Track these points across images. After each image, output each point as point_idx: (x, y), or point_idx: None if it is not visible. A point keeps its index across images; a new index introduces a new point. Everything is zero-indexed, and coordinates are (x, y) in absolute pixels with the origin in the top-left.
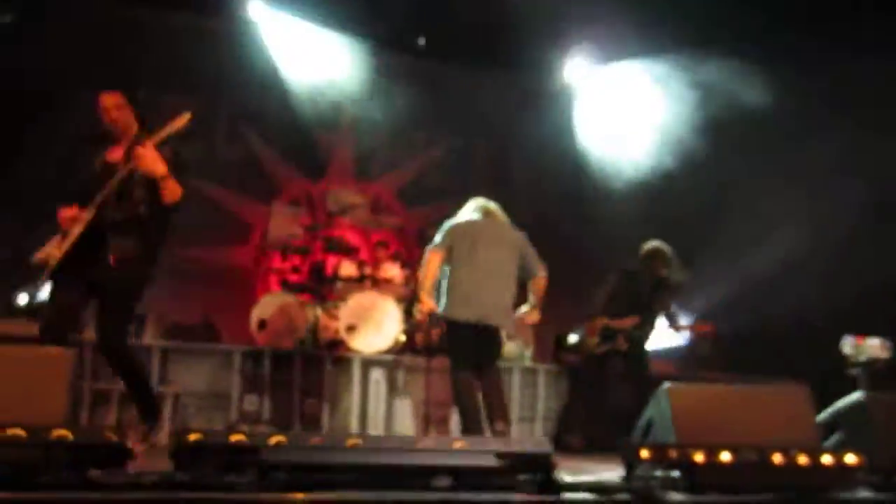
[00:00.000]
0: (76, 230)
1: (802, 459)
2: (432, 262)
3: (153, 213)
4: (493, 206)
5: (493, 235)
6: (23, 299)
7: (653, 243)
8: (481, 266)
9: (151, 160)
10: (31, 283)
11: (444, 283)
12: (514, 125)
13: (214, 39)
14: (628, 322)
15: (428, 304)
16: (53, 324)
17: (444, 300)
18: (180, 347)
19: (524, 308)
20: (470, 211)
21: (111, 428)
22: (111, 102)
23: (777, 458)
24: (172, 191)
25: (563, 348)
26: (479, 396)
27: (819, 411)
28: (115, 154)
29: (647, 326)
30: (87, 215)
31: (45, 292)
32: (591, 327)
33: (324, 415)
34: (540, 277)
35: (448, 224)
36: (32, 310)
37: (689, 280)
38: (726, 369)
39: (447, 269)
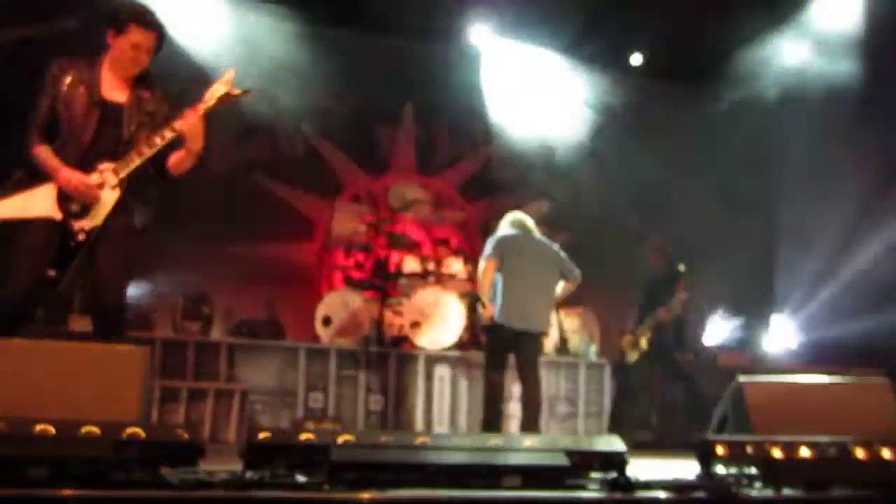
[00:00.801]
0: (107, 198)
1: (886, 454)
2: (488, 271)
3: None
4: (530, 222)
5: (536, 251)
6: None
7: (657, 239)
8: (528, 279)
9: (200, 132)
10: None
11: (497, 291)
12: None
13: None
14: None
15: (490, 309)
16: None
17: (497, 307)
18: (247, 344)
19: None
20: (509, 225)
21: (183, 426)
22: (152, 42)
23: (860, 453)
24: (188, 167)
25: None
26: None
27: None
28: (116, 93)
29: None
30: (108, 178)
31: None
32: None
33: (388, 411)
34: (571, 282)
35: (495, 237)
36: None
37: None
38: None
39: (499, 277)
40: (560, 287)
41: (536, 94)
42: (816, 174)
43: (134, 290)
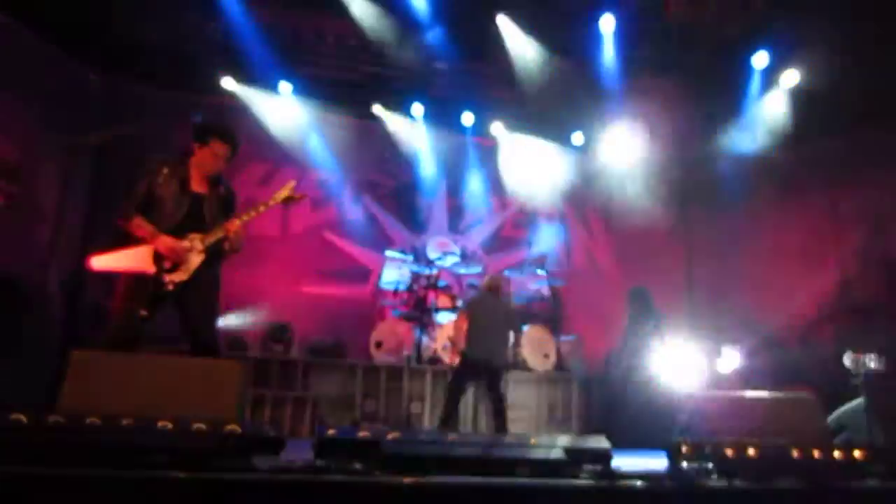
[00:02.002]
0: (195, 259)
1: (816, 454)
2: (462, 322)
3: None
4: (498, 282)
5: (495, 307)
6: None
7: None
8: (489, 329)
9: (242, 237)
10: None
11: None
12: None
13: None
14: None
15: (458, 348)
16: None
17: (467, 346)
18: (317, 362)
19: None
20: (486, 286)
21: (269, 424)
22: (228, 152)
23: (795, 453)
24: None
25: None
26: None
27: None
28: (199, 186)
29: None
30: (196, 245)
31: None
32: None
33: (425, 415)
34: (518, 334)
35: (469, 298)
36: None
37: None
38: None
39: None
40: (511, 336)
41: (537, 173)
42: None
43: (233, 321)
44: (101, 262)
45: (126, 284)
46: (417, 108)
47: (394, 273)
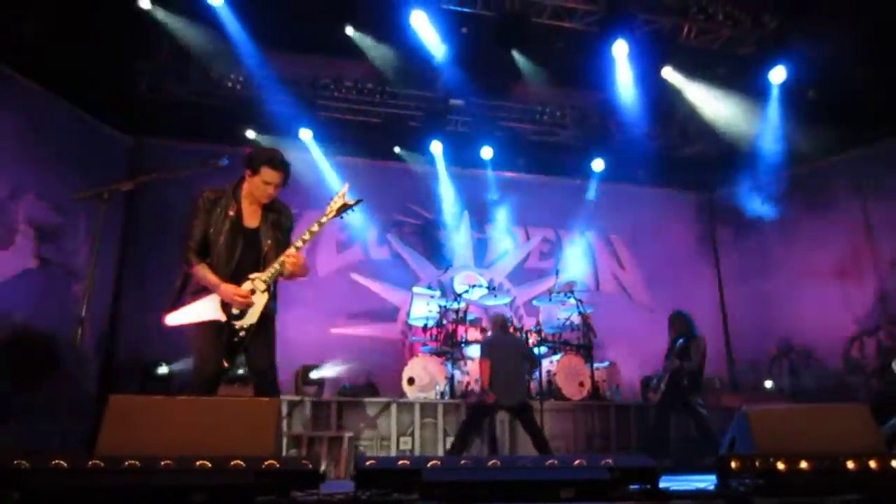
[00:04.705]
0: (259, 301)
1: (873, 464)
2: (485, 366)
3: None
4: (503, 318)
5: (509, 344)
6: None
7: (672, 313)
8: (508, 366)
9: (301, 264)
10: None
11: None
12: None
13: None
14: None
15: (492, 394)
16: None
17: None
18: (351, 401)
19: None
20: (499, 325)
21: (307, 458)
22: (280, 179)
23: (850, 465)
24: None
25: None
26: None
27: None
28: (252, 220)
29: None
30: (259, 286)
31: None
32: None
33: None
34: (533, 362)
35: (486, 341)
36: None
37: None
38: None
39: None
40: (526, 367)
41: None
42: None
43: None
44: (175, 318)
45: (203, 336)
46: (437, 146)
47: (422, 309)
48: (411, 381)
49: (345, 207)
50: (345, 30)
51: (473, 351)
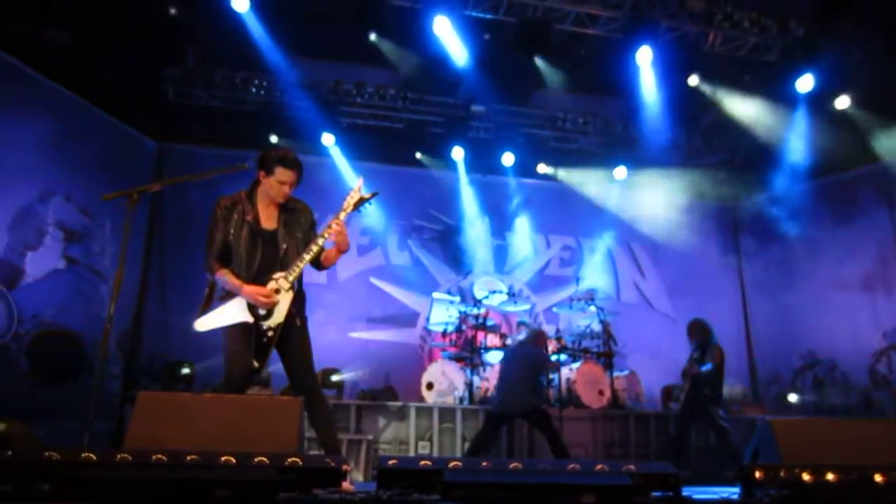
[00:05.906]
0: (284, 299)
1: None
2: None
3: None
4: (534, 333)
5: (517, 355)
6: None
7: (691, 321)
8: (508, 375)
9: (345, 236)
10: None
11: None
12: None
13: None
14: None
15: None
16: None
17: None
18: (370, 405)
19: None
20: (526, 336)
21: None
22: (294, 178)
23: (878, 478)
24: (337, 260)
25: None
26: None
27: None
28: (269, 221)
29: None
30: (283, 284)
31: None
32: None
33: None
34: (545, 374)
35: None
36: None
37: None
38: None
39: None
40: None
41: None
42: None
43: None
44: (203, 324)
45: (231, 338)
46: (458, 152)
47: (442, 314)
48: (430, 385)
49: (362, 201)
50: (368, 36)
51: (492, 357)
